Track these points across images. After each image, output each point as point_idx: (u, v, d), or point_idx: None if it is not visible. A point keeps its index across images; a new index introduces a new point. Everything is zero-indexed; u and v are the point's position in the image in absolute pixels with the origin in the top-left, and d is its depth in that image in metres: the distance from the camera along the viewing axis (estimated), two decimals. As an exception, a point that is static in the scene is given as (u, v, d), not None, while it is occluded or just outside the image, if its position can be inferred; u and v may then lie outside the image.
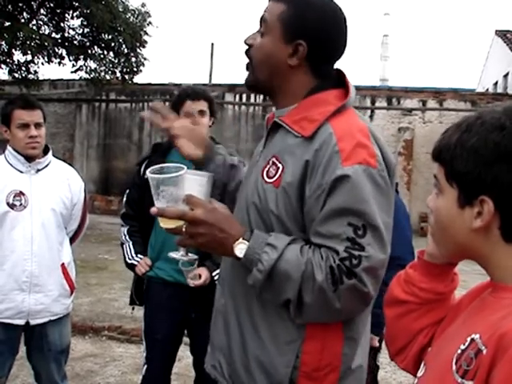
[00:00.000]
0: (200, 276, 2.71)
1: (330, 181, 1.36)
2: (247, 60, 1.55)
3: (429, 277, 1.15)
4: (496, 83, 21.56)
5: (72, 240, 2.99)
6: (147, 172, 1.42)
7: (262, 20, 1.51)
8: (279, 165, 1.46)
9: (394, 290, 1.21)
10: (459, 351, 0.92)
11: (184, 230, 1.39)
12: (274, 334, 1.49)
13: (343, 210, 1.35)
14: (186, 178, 1.41)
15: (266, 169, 1.50)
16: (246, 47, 1.55)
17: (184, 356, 3.83)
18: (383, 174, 1.40)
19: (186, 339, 3.06)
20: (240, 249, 1.39)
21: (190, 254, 1.57)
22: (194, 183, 1.46)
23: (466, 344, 0.91)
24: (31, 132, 2.71)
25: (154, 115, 1.71)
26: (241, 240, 1.39)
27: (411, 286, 1.17)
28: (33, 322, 2.75)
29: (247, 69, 1.56)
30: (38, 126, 2.75)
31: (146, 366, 2.90)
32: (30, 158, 2.76)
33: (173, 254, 1.56)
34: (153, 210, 1.39)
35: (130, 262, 2.90)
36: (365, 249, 1.34)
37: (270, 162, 1.49)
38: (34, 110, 2.75)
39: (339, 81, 1.53)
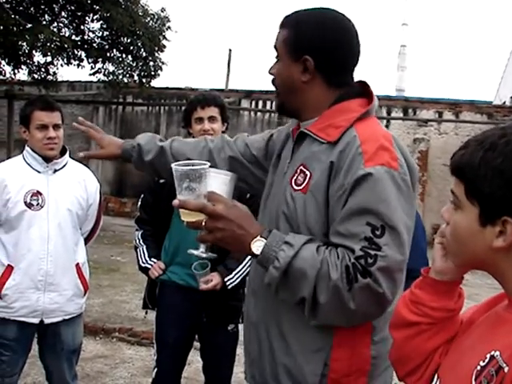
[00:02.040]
0: (212, 281, 2.72)
1: (351, 181, 1.38)
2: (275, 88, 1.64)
3: (438, 295, 1.13)
4: (513, 96, 21.37)
5: (86, 241, 3.01)
6: (172, 165, 1.45)
7: (275, 49, 1.61)
8: (307, 172, 1.50)
9: (401, 312, 1.18)
10: (479, 367, 0.91)
11: (204, 224, 1.41)
12: (301, 342, 1.51)
13: (363, 210, 1.37)
14: (209, 174, 1.45)
15: (294, 178, 1.53)
16: (272, 77, 1.64)
17: (194, 360, 3.84)
18: (405, 177, 1.42)
19: (196, 344, 3.06)
20: (257, 246, 1.41)
21: (209, 254, 1.58)
22: (217, 181, 1.50)
23: (486, 361, 0.91)
24: (50, 133, 2.74)
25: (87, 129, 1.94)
26: (259, 237, 1.41)
27: (421, 307, 1.14)
28: (47, 321, 2.78)
29: (276, 96, 1.65)
30: (56, 127, 2.78)
31: (156, 369, 2.91)
32: (47, 159, 2.79)
33: (193, 251, 1.57)
34: (175, 201, 1.41)
35: (143, 265, 2.92)
36: (381, 249, 1.35)
37: (298, 171, 1.53)
38: (53, 112, 2.78)
39: (362, 91, 1.57)
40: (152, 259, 2.90)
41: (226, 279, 2.76)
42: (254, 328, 1.65)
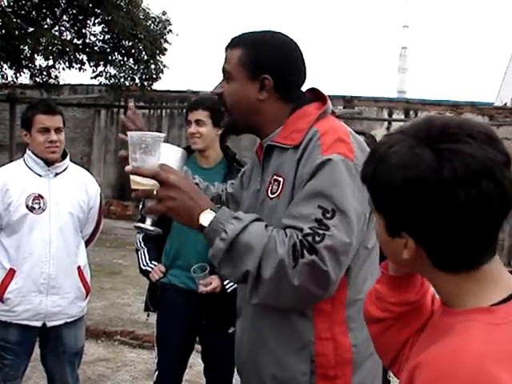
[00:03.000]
0: (211, 284, 2.73)
1: (310, 170, 1.43)
2: (223, 107, 1.66)
3: (397, 290, 1.12)
4: (515, 98, 21.34)
5: (87, 243, 3.03)
6: (128, 132, 1.46)
7: (224, 70, 1.63)
8: (280, 179, 1.54)
9: (368, 308, 1.19)
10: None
11: (155, 192, 1.42)
12: (284, 343, 1.53)
13: (316, 193, 1.41)
14: (164, 146, 1.45)
15: (270, 188, 1.57)
16: (218, 97, 1.65)
17: (195, 363, 3.84)
18: (359, 169, 1.44)
19: (197, 346, 3.07)
20: (206, 218, 1.41)
21: (155, 228, 1.56)
22: (170, 154, 1.51)
23: (410, 370, 0.90)
24: (51, 137, 2.76)
25: (128, 120, 1.82)
26: (208, 210, 1.42)
27: (383, 303, 1.14)
28: (49, 324, 2.79)
29: (224, 113, 1.67)
30: (58, 130, 2.79)
31: (157, 372, 2.92)
32: (48, 162, 2.80)
33: (139, 224, 1.55)
34: (128, 167, 1.42)
35: (144, 268, 2.93)
36: (330, 229, 1.38)
37: (272, 181, 1.57)
38: (55, 115, 2.80)
39: (314, 97, 1.64)
40: (153, 262, 2.91)
41: (225, 282, 2.76)
42: (238, 342, 1.69)
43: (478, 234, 0.89)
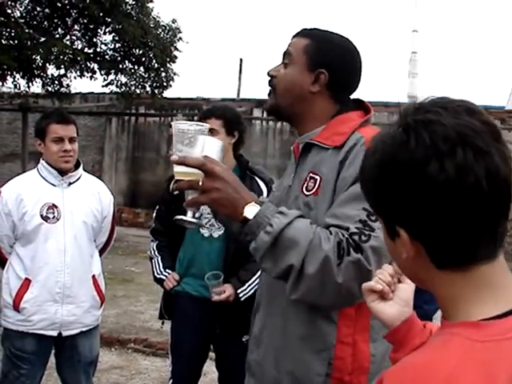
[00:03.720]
0: (224, 292, 2.74)
1: (354, 174, 1.43)
2: (269, 89, 1.69)
3: (404, 345, 1.07)
4: (526, 101, 21.22)
5: (100, 252, 3.04)
6: (173, 122, 1.44)
7: (287, 53, 1.66)
8: (316, 177, 1.55)
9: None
10: None
11: (201, 183, 1.39)
12: (305, 345, 1.53)
13: (361, 195, 1.39)
14: (207, 139, 1.44)
15: (305, 185, 1.57)
16: (269, 78, 1.69)
17: (209, 371, 3.83)
18: None
19: (211, 354, 3.07)
20: (251, 211, 1.40)
21: (198, 220, 1.52)
22: (213, 146, 1.49)
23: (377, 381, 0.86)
24: (65, 146, 2.78)
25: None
26: (253, 203, 1.42)
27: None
28: (65, 333, 2.80)
29: (269, 95, 1.70)
30: (71, 140, 2.82)
31: (171, 380, 2.92)
32: (62, 172, 2.82)
33: (181, 216, 1.48)
34: (173, 157, 1.39)
35: (158, 276, 2.94)
36: (375, 230, 1.38)
37: (308, 178, 1.57)
38: (69, 125, 2.82)
39: (358, 105, 1.67)
40: (167, 270, 2.92)
41: (238, 291, 2.77)
42: (255, 337, 1.69)
43: (465, 218, 0.77)
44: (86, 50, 11.23)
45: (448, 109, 0.79)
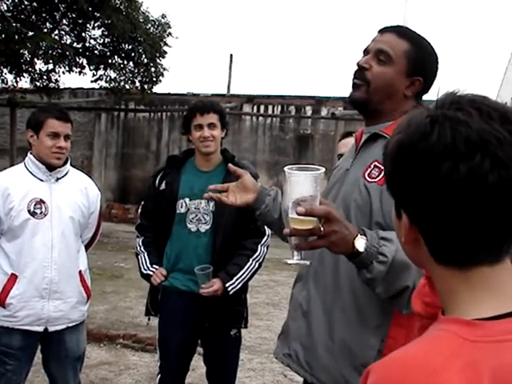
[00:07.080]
0: (212, 286, 2.74)
1: None
2: (357, 80, 1.72)
3: (433, 290, 1.04)
4: (515, 97, 21.31)
5: (86, 248, 3.03)
6: (288, 171, 1.40)
7: (383, 52, 1.69)
8: (381, 166, 1.58)
9: (413, 301, 1.10)
10: None
11: (323, 229, 1.39)
12: (363, 319, 1.63)
13: None
14: (318, 180, 1.40)
15: (368, 171, 1.65)
16: (356, 68, 1.72)
17: (198, 366, 3.84)
18: None
19: (200, 349, 3.07)
20: (360, 244, 1.44)
21: (309, 262, 1.51)
22: (315, 181, 1.42)
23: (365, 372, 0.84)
24: (60, 143, 2.76)
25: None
26: (359, 236, 1.45)
27: (422, 299, 1.05)
28: (51, 329, 2.79)
29: (354, 87, 1.72)
30: (66, 137, 2.81)
31: (159, 376, 2.92)
32: (50, 167, 2.80)
33: (290, 261, 1.45)
34: (300, 209, 1.34)
35: (145, 272, 2.93)
36: None
37: (372, 166, 1.65)
38: (67, 123, 2.83)
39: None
40: (153, 266, 2.91)
41: (227, 285, 2.77)
42: (301, 307, 1.76)
43: (469, 219, 0.76)
44: (74, 44, 11.16)
45: (482, 111, 0.77)
